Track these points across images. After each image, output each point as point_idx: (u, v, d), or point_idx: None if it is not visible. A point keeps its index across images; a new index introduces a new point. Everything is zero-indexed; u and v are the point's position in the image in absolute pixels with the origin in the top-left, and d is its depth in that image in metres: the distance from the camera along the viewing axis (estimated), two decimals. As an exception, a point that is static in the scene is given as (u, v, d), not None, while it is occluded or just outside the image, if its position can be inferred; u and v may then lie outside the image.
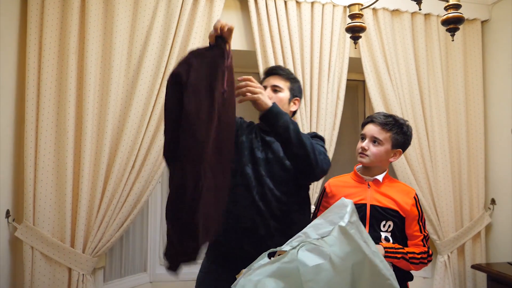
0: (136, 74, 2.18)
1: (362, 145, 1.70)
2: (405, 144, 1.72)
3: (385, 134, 1.67)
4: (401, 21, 2.67)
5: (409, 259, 1.59)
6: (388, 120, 1.68)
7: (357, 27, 1.63)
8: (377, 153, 1.67)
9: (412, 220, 1.66)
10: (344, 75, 2.58)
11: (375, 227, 1.63)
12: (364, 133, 1.72)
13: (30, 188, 1.97)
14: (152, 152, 2.18)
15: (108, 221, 2.08)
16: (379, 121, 1.68)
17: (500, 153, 2.71)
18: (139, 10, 2.23)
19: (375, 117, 1.71)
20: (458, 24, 1.46)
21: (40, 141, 2.01)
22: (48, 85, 2.04)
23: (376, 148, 1.67)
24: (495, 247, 2.74)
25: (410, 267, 1.61)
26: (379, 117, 1.70)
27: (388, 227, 1.64)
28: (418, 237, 1.66)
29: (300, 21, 2.48)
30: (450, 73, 2.78)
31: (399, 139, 1.68)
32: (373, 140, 1.68)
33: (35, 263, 1.96)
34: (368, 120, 1.74)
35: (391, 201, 1.66)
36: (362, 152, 1.70)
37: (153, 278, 2.64)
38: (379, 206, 1.65)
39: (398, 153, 1.71)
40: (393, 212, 1.64)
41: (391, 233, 1.64)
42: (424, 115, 2.67)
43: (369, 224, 1.63)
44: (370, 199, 1.67)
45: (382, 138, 1.67)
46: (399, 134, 1.67)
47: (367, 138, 1.70)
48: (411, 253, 1.61)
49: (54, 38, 2.07)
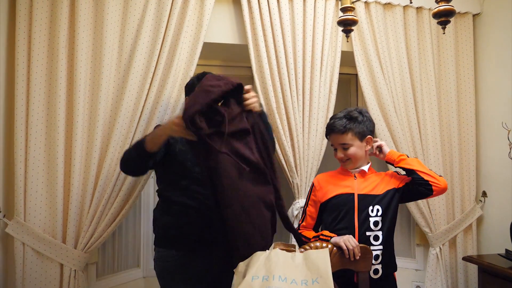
0: (127, 68, 2.16)
1: (338, 156, 1.80)
2: (369, 129, 1.80)
3: (346, 136, 1.76)
4: (393, 15, 2.67)
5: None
6: (343, 123, 1.75)
7: (349, 20, 1.64)
8: (353, 154, 1.77)
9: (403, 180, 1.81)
10: (337, 68, 2.58)
11: (364, 214, 1.72)
12: (332, 144, 1.82)
13: (21, 184, 1.95)
14: (144, 147, 2.16)
15: (100, 217, 2.07)
16: (337, 129, 1.76)
17: (492, 146, 2.73)
18: (130, 4, 2.20)
19: (331, 127, 1.79)
20: (449, 17, 1.46)
21: (31, 136, 1.99)
22: (38, 79, 2.01)
23: (349, 151, 1.77)
24: (486, 239, 2.77)
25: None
26: (335, 124, 1.77)
27: (376, 211, 1.73)
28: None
29: (292, 15, 2.47)
30: (441, 67, 2.79)
31: (361, 130, 1.76)
32: (343, 147, 1.77)
33: (26, 259, 1.95)
34: (328, 132, 1.83)
35: (377, 187, 1.76)
36: (343, 161, 1.80)
37: (146, 273, 2.64)
38: (365, 194, 1.75)
39: (369, 140, 1.81)
40: (382, 196, 1.74)
41: (381, 216, 1.73)
42: (416, 108, 2.68)
43: (357, 212, 1.72)
44: (357, 188, 1.76)
45: (348, 141, 1.76)
46: (358, 127, 1.76)
47: (337, 147, 1.80)
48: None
49: (44, 32, 2.03)
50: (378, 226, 1.71)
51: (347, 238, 1.59)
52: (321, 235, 1.69)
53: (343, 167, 1.84)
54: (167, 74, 2.22)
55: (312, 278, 1.35)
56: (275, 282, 1.31)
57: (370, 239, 1.69)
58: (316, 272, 1.38)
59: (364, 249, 1.59)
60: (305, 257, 1.45)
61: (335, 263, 1.53)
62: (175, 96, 2.25)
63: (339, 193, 1.77)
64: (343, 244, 1.56)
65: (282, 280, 1.32)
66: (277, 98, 2.41)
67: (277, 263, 1.39)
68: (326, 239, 1.64)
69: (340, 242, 1.57)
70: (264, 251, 1.47)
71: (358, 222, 1.70)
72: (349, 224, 1.71)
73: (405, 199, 1.84)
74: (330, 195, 1.78)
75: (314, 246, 1.56)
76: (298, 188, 2.44)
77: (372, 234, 1.70)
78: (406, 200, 1.88)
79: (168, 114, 2.22)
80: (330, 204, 1.78)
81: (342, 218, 1.73)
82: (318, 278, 1.35)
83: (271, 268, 1.37)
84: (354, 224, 1.70)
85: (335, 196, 1.77)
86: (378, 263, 1.69)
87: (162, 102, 2.20)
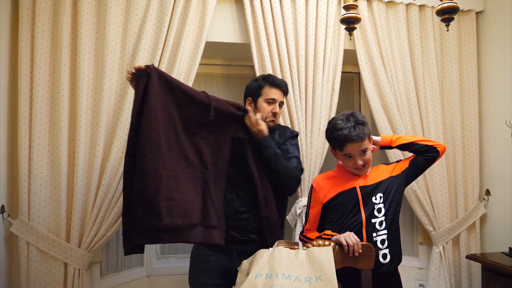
0: (130, 67, 2.16)
1: (359, 163, 1.75)
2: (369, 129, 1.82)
3: (365, 141, 1.74)
4: (395, 13, 2.66)
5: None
6: (359, 130, 1.72)
7: (351, 18, 1.63)
8: (369, 157, 1.79)
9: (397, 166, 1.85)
10: (339, 67, 2.57)
11: (369, 203, 1.74)
12: (350, 153, 1.74)
13: (25, 183, 1.96)
14: (147, 146, 2.16)
15: (104, 216, 2.08)
16: (358, 137, 1.71)
17: (495, 144, 2.72)
18: (132, 3, 2.21)
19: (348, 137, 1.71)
20: (452, 14, 1.46)
21: (34, 136, 1.99)
22: (41, 79, 2.02)
23: (367, 156, 1.77)
24: (489, 238, 2.76)
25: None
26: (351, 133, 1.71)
27: (379, 198, 1.75)
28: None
29: (295, 13, 2.47)
30: (444, 65, 2.78)
31: (368, 132, 1.77)
32: (362, 152, 1.75)
33: (31, 259, 1.96)
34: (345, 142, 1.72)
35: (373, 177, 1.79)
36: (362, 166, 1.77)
37: (150, 272, 2.65)
38: (366, 185, 1.77)
39: (371, 139, 1.83)
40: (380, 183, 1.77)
41: (383, 203, 1.75)
42: (419, 107, 2.67)
43: (362, 203, 1.74)
44: (358, 182, 1.78)
45: (367, 146, 1.76)
46: (367, 129, 1.76)
47: (355, 155, 1.74)
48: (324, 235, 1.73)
49: (47, 32, 2.04)
50: (381, 212, 1.73)
51: (347, 234, 1.60)
52: (323, 234, 1.70)
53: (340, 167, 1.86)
54: (169, 73, 2.21)
55: (316, 276, 1.36)
56: (279, 279, 1.31)
57: (376, 225, 1.72)
58: (320, 269, 1.38)
59: (367, 247, 1.59)
60: (309, 255, 1.45)
61: (337, 261, 1.53)
62: (177, 95, 2.25)
63: (341, 191, 1.77)
64: (343, 240, 1.58)
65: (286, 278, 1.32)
66: (280, 97, 2.40)
67: (281, 260, 1.39)
68: (328, 238, 1.65)
69: (341, 239, 1.59)
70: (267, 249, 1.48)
71: (365, 214, 1.72)
72: (357, 218, 1.72)
73: (417, 174, 1.89)
74: (332, 195, 1.79)
75: (316, 244, 1.56)
76: (301, 186, 2.43)
77: (377, 221, 1.72)
78: (418, 174, 1.91)
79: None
80: (334, 203, 1.78)
81: (349, 213, 1.74)
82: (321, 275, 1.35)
83: (274, 265, 1.37)
84: (362, 217, 1.71)
85: (337, 195, 1.78)
86: (385, 247, 1.71)
87: (165, 101, 2.20)
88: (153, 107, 1.62)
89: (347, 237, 1.58)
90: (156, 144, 1.61)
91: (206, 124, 1.74)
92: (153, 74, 1.63)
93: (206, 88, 2.93)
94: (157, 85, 1.64)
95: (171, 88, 1.68)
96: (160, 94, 1.65)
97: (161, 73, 1.67)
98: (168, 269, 2.63)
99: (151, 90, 1.62)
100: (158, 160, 1.60)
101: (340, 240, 1.58)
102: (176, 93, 1.69)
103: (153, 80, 1.63)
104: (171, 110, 1.68)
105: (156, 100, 1.63)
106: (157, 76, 1.64)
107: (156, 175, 1.59)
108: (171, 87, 1.68)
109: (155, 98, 1.63)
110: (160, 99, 1.65)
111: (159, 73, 1.66)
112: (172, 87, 1.68)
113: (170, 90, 1.68)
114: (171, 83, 1.69)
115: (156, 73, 1.64)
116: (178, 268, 2.65)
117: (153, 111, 1.61)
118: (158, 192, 1.58)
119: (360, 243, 1.58)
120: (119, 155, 2.11)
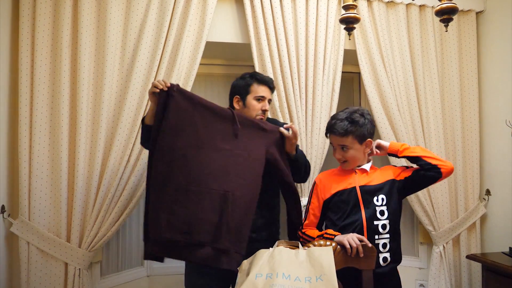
0: (130, 68, 2.17)
1: (337, 156, 1.81)
2: (370, 132, 1.79)
3: (347, 139, 1.75)
4: (395, 13, 2.66)
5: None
6: (344, 126, 1.74)
7: (351, 18, 1.63)
8: (351, 156, 1.78)
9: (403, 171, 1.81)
10: (339, 67, 2.57)
11: (369, 204, 1.73)
12: (331, 143, 1.82)
13: (25, 183, 1.96)
14: (147, 146, 2.17)
15: (104, 215, 2.08)
16: (338, 131, 1.76)
17: (495, 144, 2.72)
18: (132, 3, 2.21)
19: (332, 128, 1.79)
20: (452, 15, 1.46)
21: (34, 136, 2.00)
22: (42, 79, 2.02)
23: (348, 153, 1.78)
24: (490, 237, 2.76)
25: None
26: (336, 126, 1.76)
27: (381, 200, 1.74)
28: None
29: (295, 13, 2.47)
30: (445, 65, 2.78)
31: (361, 134, 1.75)
32: (341, 147, 1.78)
33: (31, 258, 1.96)
34: (328, 131, 1.82)
35: (376, 178, 1.78)
36: (341, 162, 1.82)
37: (150, 272, 2.65)
38: (367, 185, 1.76)
39: (369, 143, 1.81)
40: (382, 185, 1.76)
41: (386, 205, 1.73)
42: (419, 107, 2.67)
43: (362, 203, 1.73)
44: (358, 181, 1.78)
45: (347, 143, 1.76)
46: (358, 130, 1.75)
47: (336, 148, 1.81)
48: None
49: (47, 32, 2.04)
50: (384, 215, 1.72)
51: (350, 236, 1.60)
52: (325, 233, 1.70)
53: None
54: (170, 73, 2.22)
55: (316, 275, 1.36)
56: (279, 279, 1.31)
57: (378, 228, 1.71)
58: (320, 269, 1.38)
59: (369, 248, 1.59)
60: (309, 255, 1.45)
61: (338, 261, 1.53)
62: (178, 95, 2.25)
63: (341, 189, 1.78)
64: (346, 242, 1.57)
65: (286, 278, 1.33)
66: (280, 97, 2.41)
67: (281, 260, 1.40)
68: (330, 238, 1.65)
69: (344, 241, 1.58)
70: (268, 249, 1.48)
71: (365, 214, 1.71)
72: (357, 218, 1.72)
73: (415, 188, 1.85)
74: (332, 192, 1.80)
75: (318, 244, 1.56)
76: (302, 186, 2.44)
77: (380, 223, 1.71)
78: (417, 189, 1.88)
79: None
80: (334, 201, 1.79)
81: (349, 213, 1.74)
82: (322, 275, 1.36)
83: (274, 265, 1.37)
84: (362, 217, 1.71)
85: (337, 193, 1.78)
86: (386, 251, 1.71)
87: (165, 101, 2.20)
88: (172, 124, 1.64)
89: (350, 238, 1.58)
90: (168, 158, 1.63)
91: (233, 139, 1.71)
92: (175, 92, 1.66)
93: (207, 88, 2.97)
94: (179, 103, 1.66)
95: (194, 105, 1.69)
96: (183, 111, 1.67)
97: (183, 91, 1.69)
98: (168, 269, 2.63)
99: (172, 108, 1.65)
100: (167, 173, 1.62)
101: (343, 242, 1.58)
102: (199, 109, 1.69)
103: (175, 98, 1.65)
104: (195, 126, 1.68)
105: (177, 117, 1.65)
106: (179, 94, 1.67)
107: (163, 187, 1.62)
108: (194, 103, 1.69)
109: (176, 115, 1.65)
110: (183, 115, 1.66)
111: (181, 91, 1.68)
112: (195, 103, 1.69)
113: (194, 107, 1.69)
114: (193, 99, 1.70)
115: (178, 91, 1.67)
116: (178, 268, 2.63)
117: (172, 128, 1.65)
118: (161, 204, 1.59)
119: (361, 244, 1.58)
120: (119, 155, 2.11)
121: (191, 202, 1.60)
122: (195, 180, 1.62)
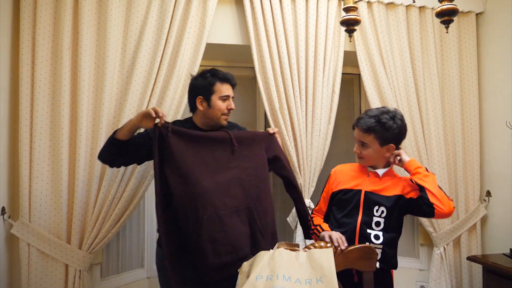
0: (131, 70, 2.17)
1: (355, 150, 1.81)
2: (395, 138, 1.75)
3: (368, 136, 1.74)
4: (395, 14, 2.67)
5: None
6: (369, 123, 1.73)
7: (351, 20, 1.63)
8: (367, 154, 1.77)
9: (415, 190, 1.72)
10: (340, 68, 2.58)
11: (368, 212, 1.73)
12: (355, 137, 1.82)
13: (26, 185, 1.96)
14: (148, 147, 2.17)
15: (104, 217, 2.08)
16: (361, 126, 1.75)
17: (495, 146, 2.72)
18: (133, 5, 2.21)
19: (358, 121, 1.78)
20: (452, 16, 1.46)
21: (35, 137, 2.00)
22: (42, 81, 2.02)
23: (365, 151, 1.77)
24: (490, 239, 2.76)
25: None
26: (362, 120, 1.76)
27: (381, 212, 1.72)
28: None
29: (295, 15, 2.47)
30: (445, 66, 2.79)
31: (385, 137, 1.72)
32: (361, 143, 1.77)
33: (31, 260, 1.96)
34: (354, 124, 1.82)
35: (387, 190, 1.74)
36: (358, 156, 1.81)
37: (150, 274, 2.65)
38: (373, 193, 1.74)
39: (391, 148, 1.77)
40: (388, 199, 1.72)
41: (384, 218, 1.72)
42: (419, 108, 2.67)
43: (362, 208, 1.73)
44: (366, 186, 1.76)
45: (367, 141, 1.75)
46: (383, 132, 1.72)
47: (356, 141, 1.81)
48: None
49: (48, 34, 2.05)
50: (380, 226, 1.71)
51: (331, 232, 1.65)
52: (318, 226, 1.76)
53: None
54: (170, 75, 2.22)
55: (316, 277, 1.36)
56: (279, 281, 1.31)
57: (371, 237, 1.70)
58: (320, 271, 1.38)
59: (369, 249, 1.59)
60: (309, 256, 1.45)
61: (339, 263, 1.53)
62: (178, 96, 2.25)
63: (349, 188, 1.79)
64: (327, 237, 1.62)
65: (286, 280, 1.32)
66: (280, 99, 2.41)
67: (281, 262, 1.39)
68: (317, 234, 1.73)
69: (326, 237, 1.63)
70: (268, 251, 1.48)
71: (361, 219, 1.72)
72: (352, 220, 1.73)
73: (410, 212, 1.78)
74: (340, 187, 1.81)
75: (318, 246, 1.56)
76: (302, 188, 2.44)
77: (372, 233, 1.71)
78: (411, 213, 1.80)
79: (171, 115, 2.23)
80: (339, 197, 1.80)
81: (348, 213, 1.75)
82: (322, 277, 1.35)
83: (275, 267, 1.37)
84: (357, 221, 1.72)
85: (344, 190, 1.80)
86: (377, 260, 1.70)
87: (165, 103, 2.20)
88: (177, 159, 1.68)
89: (331, 234, 1.62)
90: (190, 191, 1.67)
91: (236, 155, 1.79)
92: (170, 133, 1.69)
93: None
94: (177, 141, 1.69)
95: (191, 138, 1.73)
96: (183, 146, 1.70)
97: (176, 130, 1.71)
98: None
99: (172, 145, 1.68)
100: (193, 206, 1.66)
101: (325, 237, 1.63)
102: (198, 140, 1.74)
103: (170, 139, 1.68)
104: (202, 157, 1.73)
105: (182, 152, 1.69)
106: (174, 135, 1.69)
107: (196, 220, 1.65)
108: (191, 138, 1.73)
109: (178, 149, 1.68)
110: (185, 150, 1.70)
111: (175, 131, 1.70)
112: (192, 138, 1.74)
113: (192, 139, 1.73)
114: (190, 135, 1.74)
115: (173, 131, 1.69)
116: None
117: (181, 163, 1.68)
118: (200, 237, 1.64)
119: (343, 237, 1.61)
120: (120, 157, 2.11)
121: (225, 226, 1.69)
122: (221, 205, 1.70)
